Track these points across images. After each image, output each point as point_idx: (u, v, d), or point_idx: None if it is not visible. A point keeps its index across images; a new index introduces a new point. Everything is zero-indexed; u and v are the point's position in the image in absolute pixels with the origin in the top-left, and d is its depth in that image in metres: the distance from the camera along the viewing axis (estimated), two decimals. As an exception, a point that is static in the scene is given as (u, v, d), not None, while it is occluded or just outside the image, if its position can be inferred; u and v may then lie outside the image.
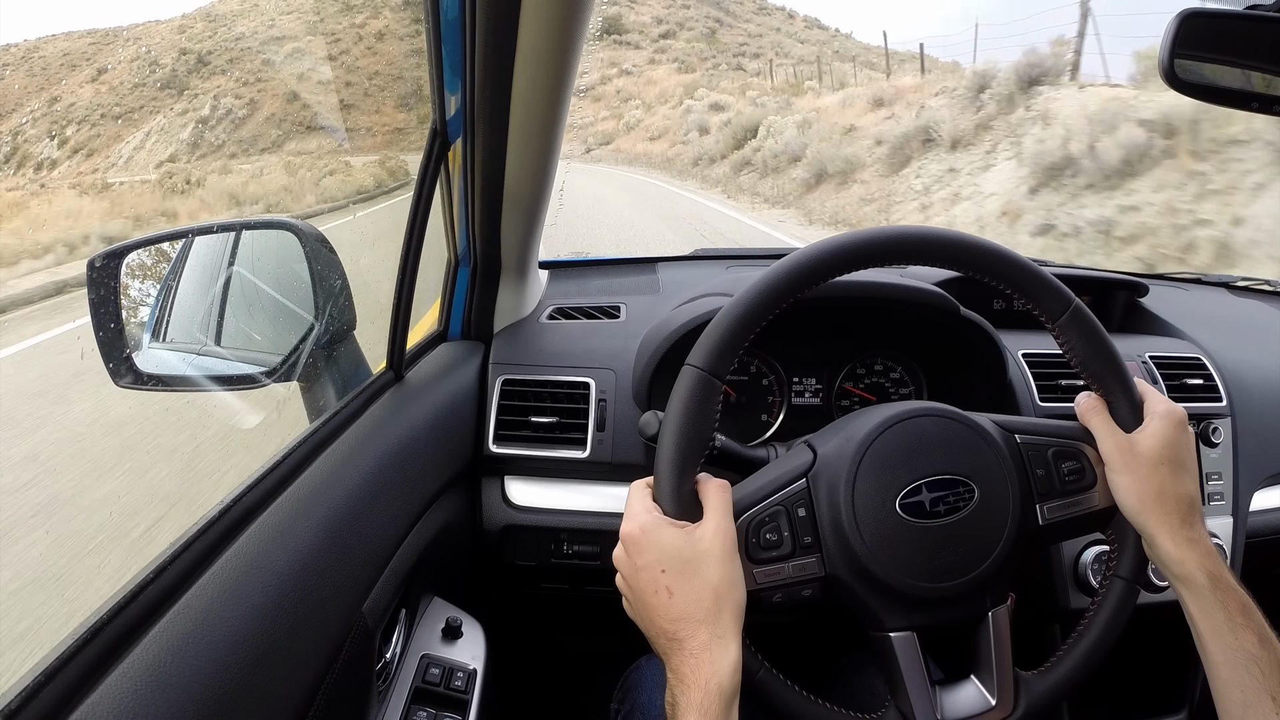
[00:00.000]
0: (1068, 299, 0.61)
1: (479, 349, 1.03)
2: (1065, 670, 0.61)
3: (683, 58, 31.30)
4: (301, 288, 0.87)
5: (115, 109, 24.35)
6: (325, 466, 0.68)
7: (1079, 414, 0.64)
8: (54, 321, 3.44)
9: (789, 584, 0.57)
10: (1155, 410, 0.61)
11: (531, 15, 0.68)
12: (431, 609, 0.84)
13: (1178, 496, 0.58)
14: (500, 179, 0.88)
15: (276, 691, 0.50)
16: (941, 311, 0.93)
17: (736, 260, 1.39)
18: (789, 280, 0.58)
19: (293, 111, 22.40)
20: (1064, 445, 0.62)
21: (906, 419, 0.60)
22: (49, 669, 0.41)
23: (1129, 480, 0.59)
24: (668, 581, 0.53)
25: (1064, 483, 0.61)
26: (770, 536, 0.57)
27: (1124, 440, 0.60)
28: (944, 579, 0.57)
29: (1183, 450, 0.60)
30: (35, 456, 2.18)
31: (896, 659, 0.58)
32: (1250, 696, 0.53)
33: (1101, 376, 0.62)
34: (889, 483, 0.57)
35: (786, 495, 0.59)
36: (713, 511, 0.55)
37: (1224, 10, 0.69)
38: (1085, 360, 0.62)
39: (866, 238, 0.60)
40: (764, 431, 1.03)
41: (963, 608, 0.59)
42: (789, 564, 0.57)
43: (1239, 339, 1.19)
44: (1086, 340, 0.61)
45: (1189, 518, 0.58)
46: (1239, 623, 0.55)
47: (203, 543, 0.54)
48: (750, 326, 0.58)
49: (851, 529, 0.57)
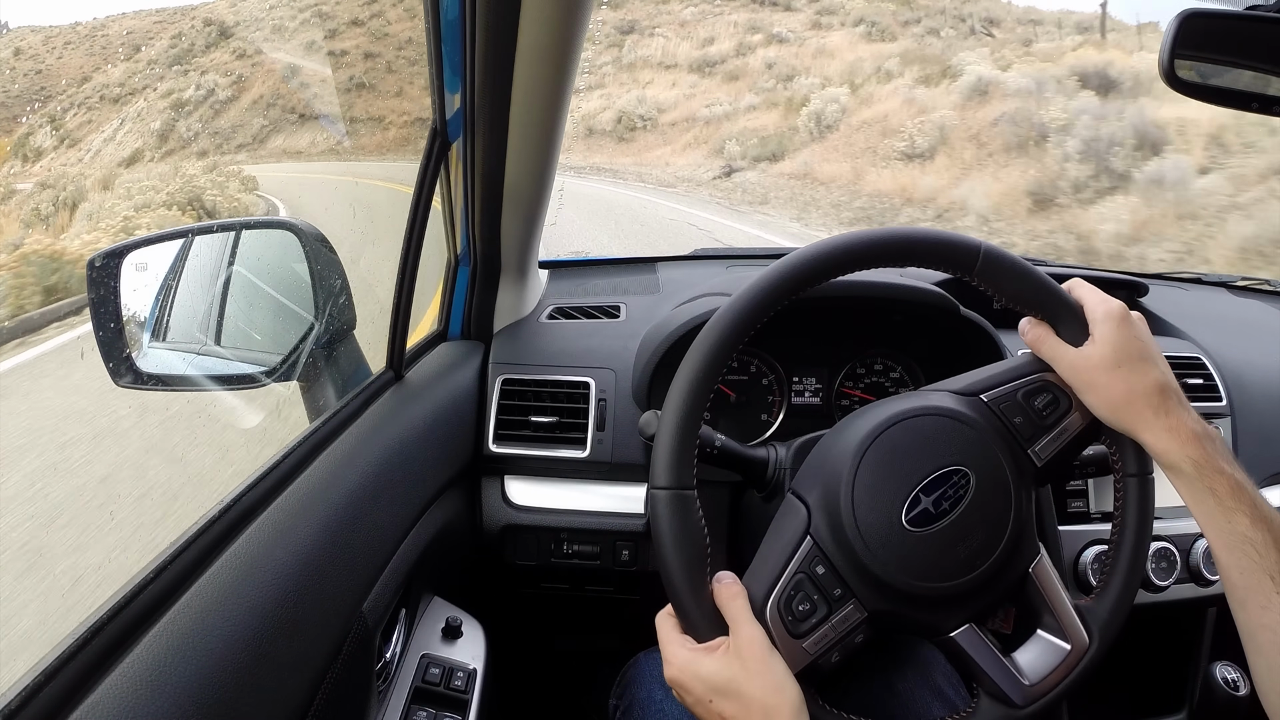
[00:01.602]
0: (975, 244, 0.62)
1: (479, 349, 1.03)
2: (1119, 583, 0.61)
3: (869, 18, 20.44)
4: (301, 287, 0.87)
5: (115, 90, 22.47)
6: (325, 466, 0.68)
7: (1030, 345, 0.64)
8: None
9: (840, 640, 0.57)
10: (1096, 316, 0.60)
11: (531, 15, 0.68)
12: (431, 609, 0.84)
13: (1145, 391, 0.58)
14: (500, 179, 0.88)
15: (276, 691, 0.50)
16: (941, 311, 0.93)
17: (736, 260, 1.39)
18: (710, 366, 0.59)
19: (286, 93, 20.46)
20: (1029, 383, 0.63)
21: (879, 435, 0.60)
22: (49, 669, 0.41)
23: (1095, 394, 0.60)
24: (719, 709, 0.54)
25: (1042, 418, 0.62)
26: (803, 607, 0.57)
27: (1077, 357, 0.60)
28: (974, 567, 0.57)
29: (1135, 345, 0.59)
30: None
31: (967, 653, 0.58)
32: (1249, 578, 0.53)
33: (1034, 302, 0.62)
34: (888, 505, 0.57)
35: (800, 561, 0.58)
36: (736, 623, 0.55)
37: (1224, 10, 0.69)
38: (1015, 293, 0.62)
39: (764, 285, 0.60)
40: (764, 431, 1.03)
41: (1003, 581, 0.59)
42: (831, 622, 0.57)
43: (1239, 339, 1.19)
44: (1007, 274, 0.62)
45: (1162, 407, 0.58)
46: (1230, 505, 0.55)
47: (202, 542, 0.54)
48: (695, 417, 0.58)
49: (872, 563, 0.57)
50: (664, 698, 0.78)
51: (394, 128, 15.92)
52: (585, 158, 16.25)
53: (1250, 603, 0.53)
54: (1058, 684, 0.59)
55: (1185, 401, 0.59)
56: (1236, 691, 0.95)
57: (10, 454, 2.08)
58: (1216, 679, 0.97)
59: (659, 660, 0.84)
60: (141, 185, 9.78)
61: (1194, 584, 0.97)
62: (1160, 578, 0.94)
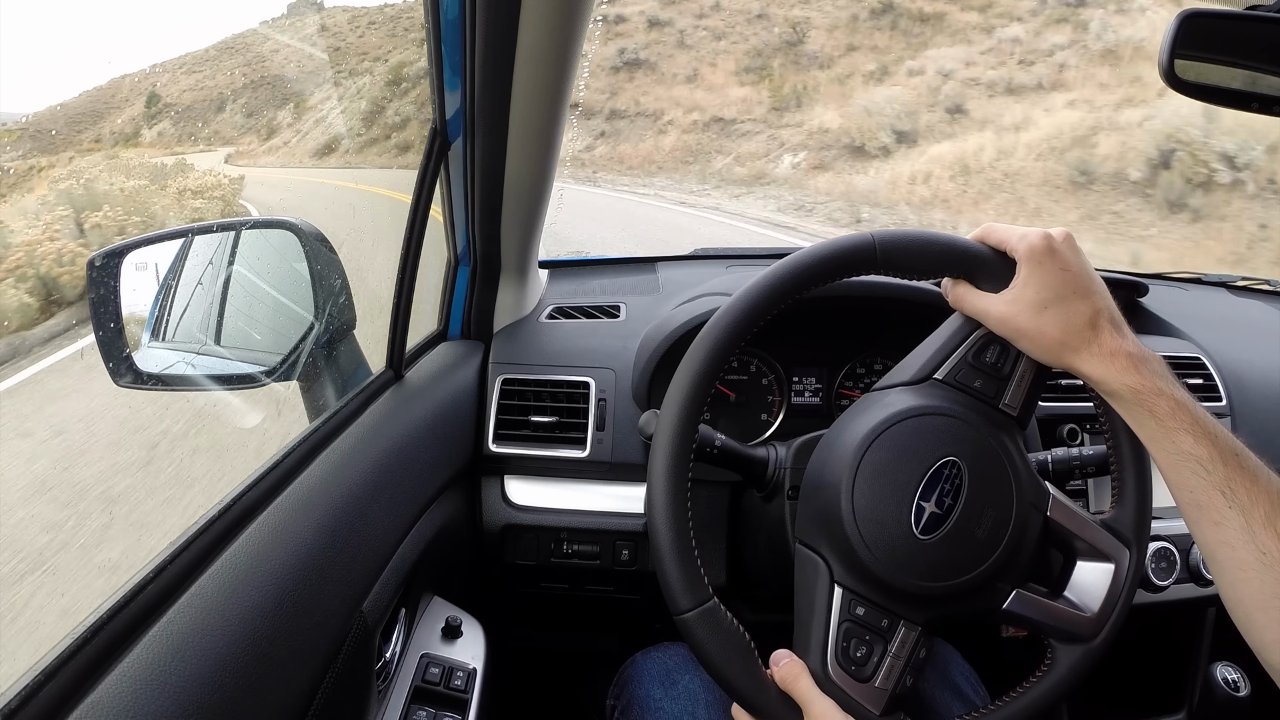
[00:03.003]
0: (867, 237, 0.61)
1: (479, 348, 1.03)
2: (1133, 490, 0.61)
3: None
4: (301, 287, 0.87)
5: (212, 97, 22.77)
6: (325, 466, 0.68)
7: (953, 304, 0.63)
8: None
9: (907, 663, 0.58)
10: (1018, 254, 0.58)
11: (531, 15, 0.68)
12: (431, 608, 0.84)
13: (1074, 325, 0.56)
14: (500, 179, 0.88)
15: (276, 690, 0.50)
16: (941, 311, 0.93)
17: (736, 260, 1.39)
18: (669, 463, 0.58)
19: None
20: (970, 344, 0.62)
21: (863, 454, 0.59)
22: (48, 669, 0.41)
23: (1028, 340, 0.58)
24: None
25: (998, 370, 0.61)
26: (860, 652, 0.57)
27: (1004, 305, 0.58)
28: (997, 543, 0.57)
29: (1059, 279, 0.57)
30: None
31: (1026, 616, 0.59)
32: (1198, 495, 0.53)
33: (944, 263, 0.61)
34: (894, 524, 0.57)
35: (839, 612, 0.58)
36: (808, 704, 0.55)
37: (1224, 10, 0.68)
38: (924, 265, 0.61)
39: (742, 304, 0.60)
40: (764, 431, 1.03)
41: (1028, 539, 0.59)
42: (891, 653, 0.57)
43: (1238, 339, 1.19)
44: (907, 250, 0.61)
45: (1095, 336, 0.56)
46: (1170, 426, 0.54)
47: (202, 542, 0.54)
48: (684, 530, 0.58)
49: (905, 584, 0.57)
50: (662, 696, 0.78)
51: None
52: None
53: (1204, 520, 0.53)
54: (1116, 602, 0.59)
55: (1122, 324, 0.58)
56: (1237, 692, 0.95)
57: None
58: (1216, 679, 0.97)
59: (656, 659, 0.84)
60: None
61: (1194, 584, 0.97)
62: (1160, 578, 0.94)
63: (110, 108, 18.38)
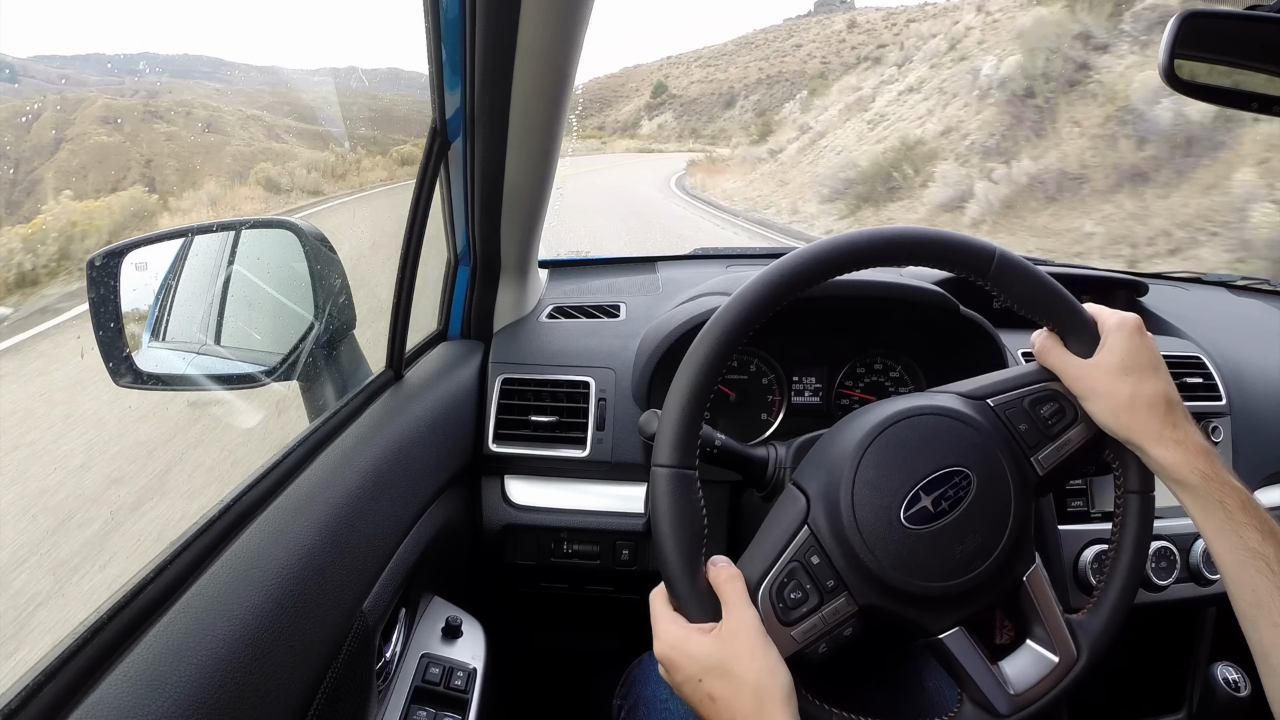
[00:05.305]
0: (990, 248, 0.61)
1: (479, 348, 1.03)
2: (1112, 599, 0.61)
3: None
4: (301, 287, 0.87)
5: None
6: (325, 466, 0.68)
7: (1037, 355, 0.64)
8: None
9: (828, 631, 0.57)
10: (1108, 325, 0.60)
11: (531, 15, 0.68)
12: (431, 608, 0.84)
13: (1151, 401, 0.58)
14: (500, 179, 0.88)
15: (276, 691, 0.50)
16: (941, 310, 0.93)
17: (736, 260, 1.39)
18: (722, 347, 0.59)
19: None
20: (1035, 391, 0.63)
21: (883, 431, 0.60)
22: (49, 669, 0.41)
23: (1101, 402, 0.59)
24: (709, 689, 0.54)
25: (1047, 427, 0.62)
26: (795, 595, 0.57)
27: (1085, 366, 0.60)
28: (970, 570, 0.57)
29: (1144, 354, 0.59)
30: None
31: (954, 656, 0.58)
32: (1261, 595, 0.52)
33: (1046, 310, 0.62)
34: (887, 501, 0.57)
35: (795, 549, 0.59)
36: (730, 605, 0.56)
37: (1224, 10, 0.68)
38: (1027, 299, 0.62)
39: (792, 264, 0.60)
40: (764, 430, 1.03)
41: (997, 586, 0.59)
42: (821, 613, 0.57)
43: (1239, 338, 1.19)
44: (1021, 280, 0.61)
45: (1169, 419, 0.58)
46: (1240, 520, 0.54)
47: (202, 542, 0.54)
48: (699, 402, 0.58)
49: (868, 557, 0.57)
50: (668, 697, 0.78)
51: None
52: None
53: (1262, 620, 0.53)
54: (1042, 696, 0.58)
55: (1189, 416, 0.59)
56: (1237, 692, 0.95)
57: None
58: (1217, 679, 0.97)
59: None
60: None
61: (1194, 584, 0.97)
62: (1160, 577, 0.94)
63: (619, 97, 17.36)
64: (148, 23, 1.27)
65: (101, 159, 1.73)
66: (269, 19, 3.69)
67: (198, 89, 2.35)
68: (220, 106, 2.58)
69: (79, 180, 1.57)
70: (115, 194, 1.62)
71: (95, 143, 1.68)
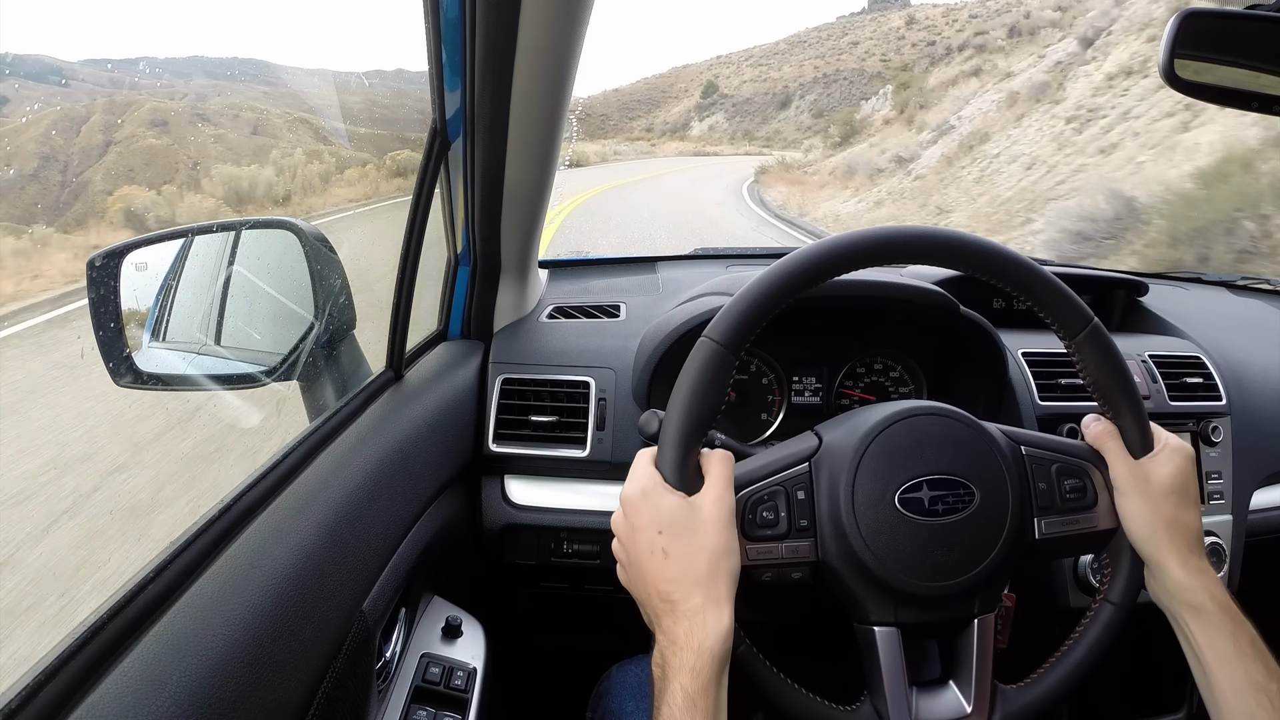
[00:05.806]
0: (1087, 317, 0.60)
1: (479, 348, 1.03)
2: (1044, 689, 0.60)
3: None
4: (301, 287, 0.87)
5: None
6: (325, 466, 0.68)
7: (1090, 437, 0.63)
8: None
9: (781, 564, 0.58)
10: (1166, 441, 0.61)
11: (531, 15, 0.68)
12: (431, 608, 0.84)
13: (1186, 526, 0.59)
14: (500, 178, 0.88)
15: (277, 690, 0.50)
16: (941, 311, 0.93)
17: (736, 260, 1.39)
18: (814, 267, 0.58)
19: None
20: (1069, 463, 0.62)
21: (914, 416, 0.60)
22: (49, 668, 0.41)
23: (1141, 506, 0.59)
24: (664, 543, 0.54)
25: (1065, 499, 0.61)
26: (767, 515, 0.58)
27: (1137, 467, 0.60)
28: (935, 579, 0.57)
29: (1191, 482, 0.60)
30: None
31: (878, 654, 0.58)
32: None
33: (1115, 399, 0.61)
34: (890, 476, 0.57)
35: (787, 476, 0.59)
36: (714, 481, 0.56)
37: (1224, 10, 0.68)
38: (1099, 381, 0.61)
39: (892, 234, 0.60)
40: (764, 431, 1.03)
41: (950, 610, 0.59)
42: (783, 544, 0.57)
43: (1239, 338, 1.19)
44: (1103, 361, 0.61)
45: (1196, 547, 0.59)
46: (1248, 653, 0.55)
47: (202, 542, 0.54)
48: (771, 307, 0.58)
49: (849, 517, 0.57)
50: (634, 710, 0.79)
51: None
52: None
53: None
54: None
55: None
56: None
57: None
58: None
59: (632, 673, 0.84)
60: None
61: None
62: None
63: (667, 97, 16.74)
64: (198, 27, 1.28)
65: (149, 161, 1.73)
66: (317, 22, 3.69)
67: (246, 91, 2.34)
68: (268, 109, 2.57)
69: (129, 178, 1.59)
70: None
71: (144, 145, 1.69)
